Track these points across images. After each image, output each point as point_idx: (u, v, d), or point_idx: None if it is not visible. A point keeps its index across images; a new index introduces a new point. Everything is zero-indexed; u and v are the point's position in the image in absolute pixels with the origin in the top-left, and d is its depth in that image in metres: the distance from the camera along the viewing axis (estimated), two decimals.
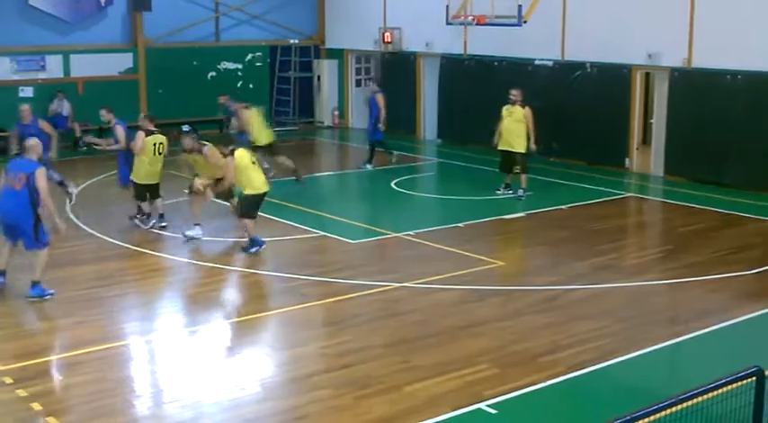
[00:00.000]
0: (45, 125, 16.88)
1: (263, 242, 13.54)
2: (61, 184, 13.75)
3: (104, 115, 15.94)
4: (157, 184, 14.97)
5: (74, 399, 8.60)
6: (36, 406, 8.30)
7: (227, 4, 26.03)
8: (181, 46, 25.40)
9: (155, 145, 14.70)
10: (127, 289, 12.18)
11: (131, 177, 15.01)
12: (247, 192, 13.61)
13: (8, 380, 8.88)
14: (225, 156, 13.56)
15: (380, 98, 20.16)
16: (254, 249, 13.42)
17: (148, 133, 14.77)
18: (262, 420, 8.06)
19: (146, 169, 14.72)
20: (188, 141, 14.19)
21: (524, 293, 11.59)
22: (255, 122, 18.53)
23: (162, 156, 14.83)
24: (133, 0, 24.38)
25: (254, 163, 13.73)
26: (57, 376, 9.22)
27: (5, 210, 11.22)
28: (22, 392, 8.57)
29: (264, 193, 13.72)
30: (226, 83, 25.81)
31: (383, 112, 20.16)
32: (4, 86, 23.12)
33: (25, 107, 17.07)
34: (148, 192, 14.92)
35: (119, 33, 24.84)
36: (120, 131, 15.46)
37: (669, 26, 18.64)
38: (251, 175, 13.59)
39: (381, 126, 20.26)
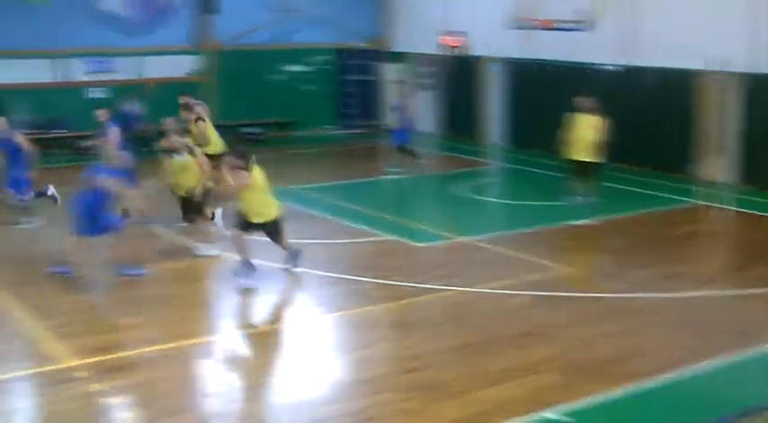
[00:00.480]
0: (21, 139, 15.44)
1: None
2: (40, 194, 13.94)
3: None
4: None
5: (147, 394, 8.75)
6: (111, 400, 8.49)
7: (292, 8, 26.30)
8: (248, 48, 25.72)
9: None
10: (197, 288, 12.39)
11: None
12: (256, 220, 12.16)
13: (83, 374, 9.07)
14: (235, 167, 12.03)
15: (411, 104, 20.10)
16: (246, 281, 12.01)
17: None
18: (330, 422, 8.14)
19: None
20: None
21: (592, 300, 11.53)
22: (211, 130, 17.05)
23: None
24: (201, 4, 24.78)
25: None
26: (132, 372, 9.35)
27: None
28: (96, 386, 8.75)
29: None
30: (291, 85, 26.06)
31: (409, 117, 20.30)
32: (74, 88, 23.64)
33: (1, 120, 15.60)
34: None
35: (186, 35, 25.30)
36: None
37: (742, 30, 18.36)
38: (264, 198, 12.23)
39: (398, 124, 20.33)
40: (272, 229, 12.32)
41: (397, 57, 27.34)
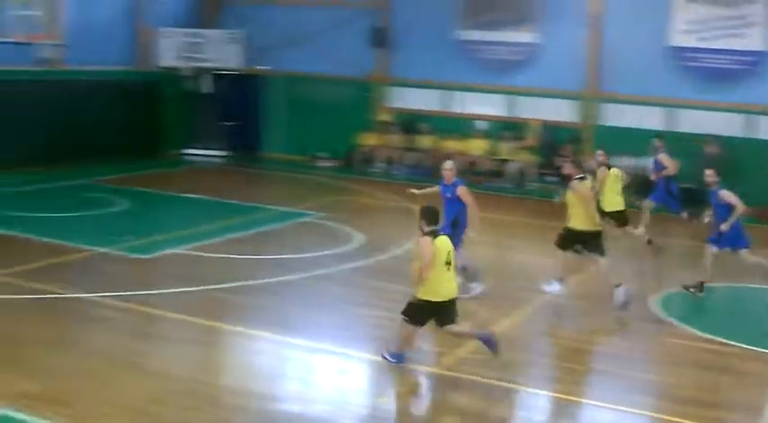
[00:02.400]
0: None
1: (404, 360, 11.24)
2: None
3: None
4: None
5: None
6: None
7: None
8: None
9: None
10: None
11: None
12: (422, 296, 10.85)
13: None
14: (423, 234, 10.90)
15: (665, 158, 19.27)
16: (392, 359, 11.22)
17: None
18: None
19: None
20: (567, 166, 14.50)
21: None
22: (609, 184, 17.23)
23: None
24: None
25: (449, 263, 10.86)
26: None
27: None
28: None
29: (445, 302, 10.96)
30: None
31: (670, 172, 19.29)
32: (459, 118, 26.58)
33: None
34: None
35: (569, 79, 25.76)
36: None
37: None
38: (440, 276, 10.81)
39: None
40: None
41: None
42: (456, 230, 13.59)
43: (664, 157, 19.28)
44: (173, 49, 28.69)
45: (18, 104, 24.28)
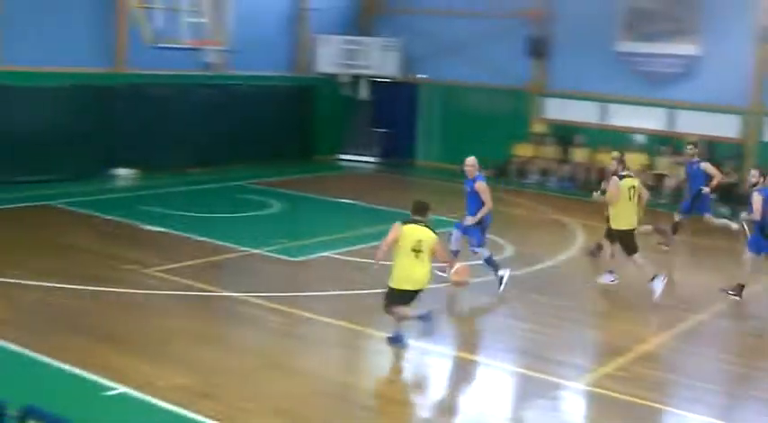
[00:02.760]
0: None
1: (406, 344, 11.78)
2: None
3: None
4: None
5: None
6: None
7: None
8: None
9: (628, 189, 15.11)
10: None
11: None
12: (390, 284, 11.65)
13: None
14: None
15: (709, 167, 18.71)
16: (397, 342, 11.76)
17: (621, 178, 15.09)
18: None
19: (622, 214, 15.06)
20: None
21: None
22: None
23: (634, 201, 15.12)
24: None
25: (416, 250, 11.45)
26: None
27: None
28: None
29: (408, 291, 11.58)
30: None
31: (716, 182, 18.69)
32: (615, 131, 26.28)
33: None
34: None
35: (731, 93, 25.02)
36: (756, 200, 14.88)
37: None
38: (405, 261, 11.49)
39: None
40: None
41: None
42: (480, 226, 14.84)
43: (707, 166, 18.72)
44: (330, 56, 29.16)
45: (184, 107, 25.25)
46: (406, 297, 11.51)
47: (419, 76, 29.69)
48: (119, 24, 24.01)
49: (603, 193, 15.63)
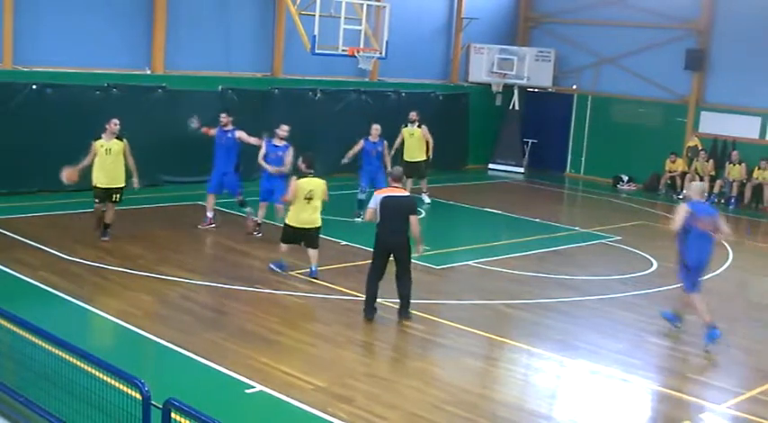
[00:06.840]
0: None
1: (286, 267, 15.05)
2: None
3: None
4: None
5: None
6: None
7: None
8: None
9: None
10: None
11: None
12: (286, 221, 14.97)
13: None
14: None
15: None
16: (274, 267, 15.20)
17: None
18: None
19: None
20: None
21: None
22: None
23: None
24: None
25: (308, 199, 14.55)
26: None
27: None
28: None
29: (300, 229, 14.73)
30: None
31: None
32: None
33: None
34: None
35: None
36: None
37: None
38: (300, 207, 14.65)
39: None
40: None
41: None
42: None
43: None
44: (484, 65, 29.20)
45: (337, 113, 25.71)
46: (298, 234, 14.79)
47: (571, 86, 29.44)
48: (277, 31, 24.70)
49: None
